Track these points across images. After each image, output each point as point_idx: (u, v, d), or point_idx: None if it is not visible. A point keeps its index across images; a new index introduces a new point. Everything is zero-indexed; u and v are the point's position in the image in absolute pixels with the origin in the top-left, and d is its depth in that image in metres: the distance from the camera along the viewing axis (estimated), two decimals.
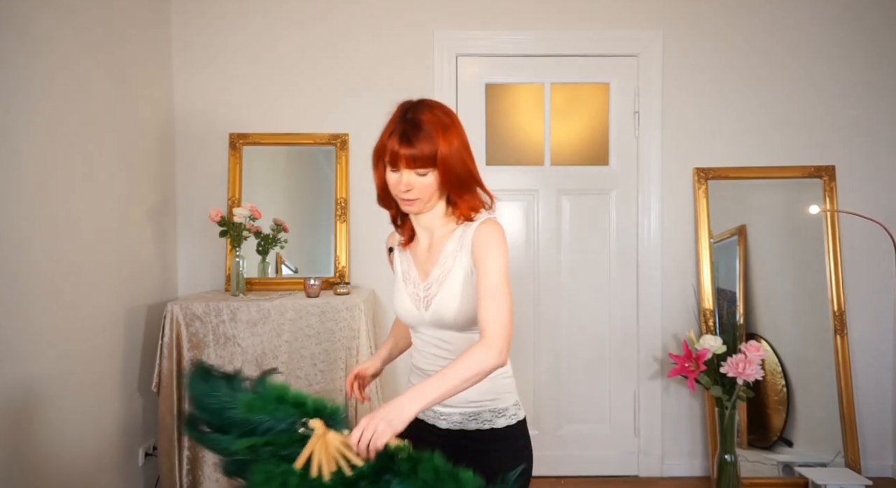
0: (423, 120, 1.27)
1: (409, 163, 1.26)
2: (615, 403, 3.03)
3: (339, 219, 2.93)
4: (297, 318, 2.42)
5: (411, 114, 1.29)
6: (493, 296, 1.23)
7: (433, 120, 1.28)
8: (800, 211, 2.93)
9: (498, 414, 1.35)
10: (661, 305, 2.99)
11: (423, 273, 1.38)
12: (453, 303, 1.31)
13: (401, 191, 1.29)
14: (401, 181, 1.28)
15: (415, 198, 1.29)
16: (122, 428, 2.45)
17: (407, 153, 1.25)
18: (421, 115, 1.28)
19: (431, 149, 1.26)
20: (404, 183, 1.28)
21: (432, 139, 1.26)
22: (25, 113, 1.92)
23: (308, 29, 2.95)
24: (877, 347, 2.96)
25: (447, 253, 1.34)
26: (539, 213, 3.02)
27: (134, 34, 2.58)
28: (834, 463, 2.83)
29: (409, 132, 1.26)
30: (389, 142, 1.28)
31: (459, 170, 1.30)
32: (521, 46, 2.97)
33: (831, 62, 2.97)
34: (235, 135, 2.94)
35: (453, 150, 1.28)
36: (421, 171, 1.27)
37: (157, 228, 2.77)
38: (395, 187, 1.30)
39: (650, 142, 2.97)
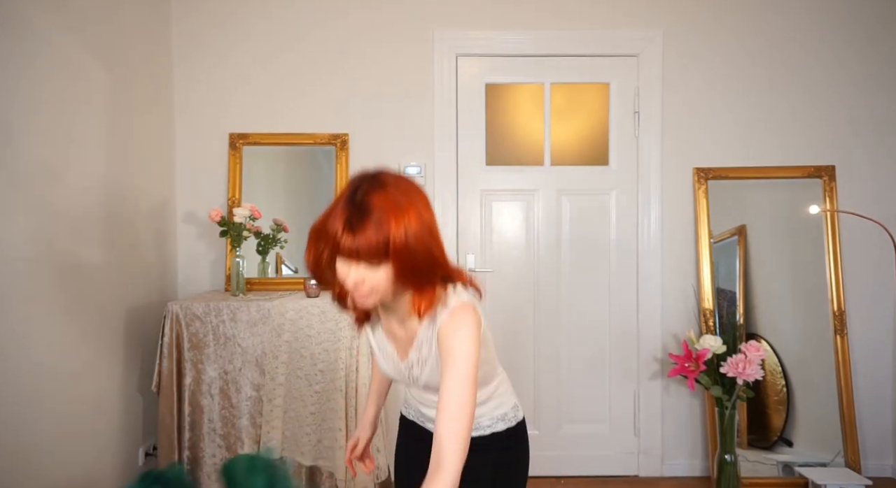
0: (373, 203, 1.07)
1: (352, 254, 1.07)
2: (615, 403, 3.03)
3: None
4: (297, 318, 2.42)
5: (361, 194, 1.08)
6: (456, 406, 1.08)
7: (386, 202, 1.07)
8: (800, 211, 2.93)
9: (498, 419, 1.36)
10: (661, 305, 2.99)
11: (401, 351, 1.29)
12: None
13: (350, 287, 1.12)
14: (348, 275, 1.10)
15: (367, 294, 1.12)
16: (122, 428, 2.45)
17: (350, 245, 1.06)
18: (371, 197, 1.08)
19: (380, 239, 1.06)
20: (352, 277, 1.10)
21: (381, 226, 1.06)
22: (25, 112, 1.92)
23: (308, 29, 2.95)
24: (877, 347, 2.96)
25: (421, 339, 1.23)
26: (539, 213, 3.02)
27: (134, 34, 2.58)
28: (834, 463, 2.83)
29: (353, 218, 1.07)
30: (332, 224, 1.09)
31: (419, 259, 1.09)
32: (521, 46, 2.97)
33: (831, 62, 2.97)
34: (235, 135, 2.94)
35: (410, 237, 1.07)
36: (371, 263, 1.08)
37: (157, 228, 2.77)
38: (342, 279, 1.12)
39: (650, 142, 2.97)
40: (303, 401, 2.40)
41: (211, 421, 2.41)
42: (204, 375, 2.41)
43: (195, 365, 2.41)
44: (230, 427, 2.42)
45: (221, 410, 2.42)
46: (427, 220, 1.12)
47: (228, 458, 1.19)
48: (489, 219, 3.02)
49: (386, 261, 1.08)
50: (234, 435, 2.42)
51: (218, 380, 2.41)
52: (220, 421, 2.42)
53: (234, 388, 2.42)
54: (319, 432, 2.39)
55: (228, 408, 2.42)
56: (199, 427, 2.41)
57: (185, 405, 2.41)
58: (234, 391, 2.42)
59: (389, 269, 1.09)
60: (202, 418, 2.41)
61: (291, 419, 2.41)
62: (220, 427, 2.42)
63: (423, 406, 1.39)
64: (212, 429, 2.42)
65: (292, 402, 2.41)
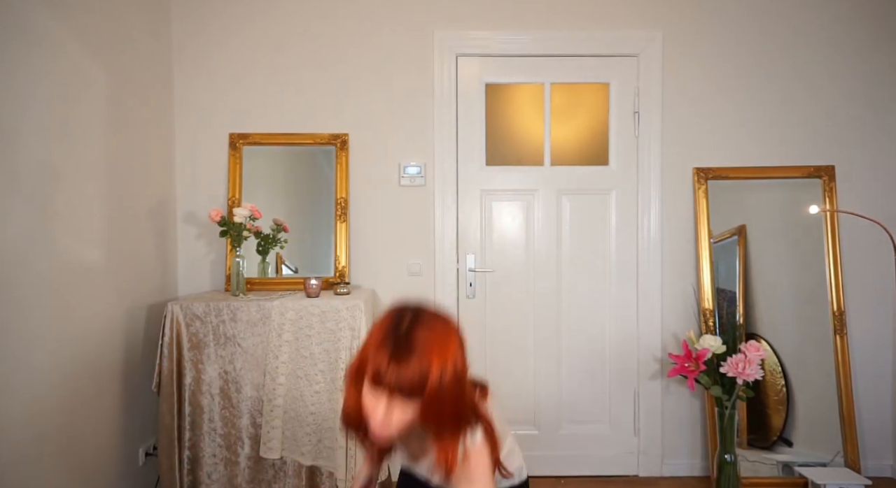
0: (418, 339, 1.10)
1: (391, 388, 1.09)
2: (615, 403, 3.03)
3: (339, 219, 2.93)
4: (298, 318, 2.42)
5: (405, 328, 1.11)
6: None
7: (429, 340, 1.10)
8: (799, 211, 2.94)
9: (505, 479, 1.37)
10: (660, 305, 2.99)
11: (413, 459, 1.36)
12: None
13: (377, 419, 1.12)
14: (377, 406, 1.11)
15: (388, 428, 1.12)
16: (122, 428, 2.45)
17: (394, 377, 1.08)
18: (415, 333, 1.11)
19: (421, 375, 1.08)
20: (381, 410, 1.11)
21: (423, 364, 1.09)
22: (25, 112, 1.92)
23: (308, 29, 2.95)
24: (877, 347, 2.96)
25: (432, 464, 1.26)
26: (539, 213, 3.02)
27: (134, 33, 2.58)
28: (833, 463, 2.83)
29: (399, 351, 1.09)
30: (375, 356, 1.11)
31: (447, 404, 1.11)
32: (521, 46, 2.97)
33: (831, 62, 2.97)
34: (235, 135, 2.94)
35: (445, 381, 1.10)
36: (405, 398, 1.10)
37: (157, 228, 2.77)
38: (369, 409, 1.13)
39: (650, 142, 2.97)
40: (303, 401, 2.40)
41: (211, 421, 2.41)
42: (204, 375, 2.41)
43: (195, 365, 2.41)
44: (230, 427, 2.42)
45: (221, 410, 2.42)
46: (461, 368, 1.14)
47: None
48: (489, 219, 3.02)
49: (418, 399, 1.09)
50: (234, 435, 2.42)
51: (218, 380, 2.41)
52: (220, 421, 2.42)
53: (234, 388, 2.42)
54: (319, 432, 2.39)
55: (228, 408, 2.42)
56: (199, 427, 2.41)
57: (186, 405, 2.41)
58: (234, 391, 2.42)
59: (417, 408, 1.10)
60: (202, 418, 2.41)
61: (291, 419, 2.41)
62: (220, 427, 2.42)
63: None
64: (212, 429, 2.42)
65: (292, 402, 2.41)
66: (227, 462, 2.43)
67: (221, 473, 2.42)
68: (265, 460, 2.42)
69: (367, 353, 1.12)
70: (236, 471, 2.42)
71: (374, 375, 1.09)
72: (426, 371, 1.07)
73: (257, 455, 2.41)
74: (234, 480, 2.42)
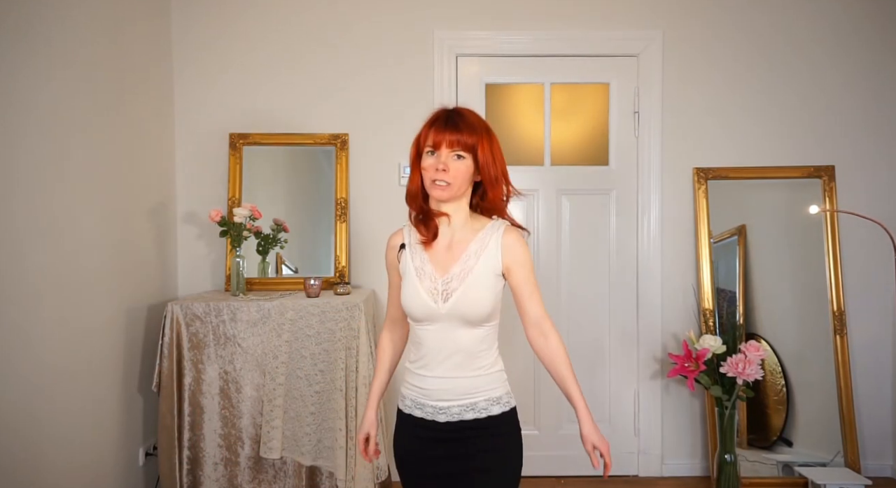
0: (467, 114, 1.43)
1: (450, 144, 1.38)
2: (615, 403, 3.03)
3: (339, 219, 2.93)
4: (298, 318, 2.42)
5: (454, 109, 1.44)
6: (535, 290, 1.47)
7: (475, 117, 1.44)
8: (800, 211, 2.94)
9: (493, 402, 1.45)
10: (660, 305, 2.99)
11: (440, 269, 1.44)
12: (476, 297, 1.40)
13: (435, 172, 1.39)
14: (438, 161, 1.39)
15: (448, 182, 1.39)
16: (122, 428, 2.45)
17: (451, 134, 1.38)
18: (464, 110, 1.44)
19: (472, 138, 1.39)
20: (441, 162, 1.38)
21: (474, 130, 1.40)
22: (24, 112, 1.92)
23: (308, 29, 2.95)
24: (876, 347, 2.96)
25: (470, 252, 1.44)
26: (539, 213, 3.02)
27: (134, 33, 2.58)
28: (833, 463, 2.83)
29: (454, 118, 1.41)
30: (432, 128, 1.41)
31: (492, 162, 1.42)
32: (521, 46, 2.97)
33: (831, 62, 2.97)
34: (235, 135, 2.94)
35: (491, 145, 1.42)
36: (461, 154, 1.39)
37: (157, 228, 2.77)
38: (429, 169, 1.40)
39: (650, 142, 2.97)
40: (303, 401, 2.40)
41: (211, 421, 2.41)
42: (204, 375, 2.41)
43: (195, 365, 2.41)
44: (230, 427, 2.42)
45: (221, 410, 2.42)
46: (497, 142, 1.45)
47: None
48: None
49: (471, 156, 1.40)
50: (234, 435, 2.42)
51: (218, 380, 2.41)
52: (220, 421, 2.42)
53: (234, 388, 2.42)
54: (319, 432, 2.39)
55: (228, 408, 2.42)
56: (199, 427, 2.41)
57: (186, 405, 2.41)
58: (234, 391, 2.42)
59: (470, 165, 1.40)
60: (202, 418, 2.41)
61: (291, 419, 2.41)
62: (220, 427, 2.42)
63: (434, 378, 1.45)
64: (212, 429, 2.42)
65: (292, 402, 2.41)
66: (227, 462, 2.43)
67: (221, 473, 2.42)
68: (265, 460, 2.42)
69: (424, 134, 1.42)
70: (236, 471, 2.42)
71: (434, 142, 1.39)
72: (476, 134, 1.39)
73: (257, 455, 2.42)
74: (234, 480, 2.42)
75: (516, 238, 1.46)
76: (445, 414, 1.44)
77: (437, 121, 1.42)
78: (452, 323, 1.42)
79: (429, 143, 1.41)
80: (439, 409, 1.44)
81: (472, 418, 1.43)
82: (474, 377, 1.44)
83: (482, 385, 1.44)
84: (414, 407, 1.48)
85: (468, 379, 1.43)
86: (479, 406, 1.44)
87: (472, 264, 1.43)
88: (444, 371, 1.43)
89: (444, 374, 1.43)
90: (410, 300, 1.44)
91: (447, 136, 1.38)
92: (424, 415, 1.46)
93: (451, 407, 1.43)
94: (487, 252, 1.43)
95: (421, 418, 1.47)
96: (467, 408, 1.43)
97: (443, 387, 1.43)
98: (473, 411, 1.43)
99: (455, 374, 1.43)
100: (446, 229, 1.48)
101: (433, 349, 1.44)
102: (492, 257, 1.43)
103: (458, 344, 1.42)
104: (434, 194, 1.42)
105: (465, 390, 1.43)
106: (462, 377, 1.43)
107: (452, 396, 1.43)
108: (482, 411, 1.44)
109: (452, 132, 1.39)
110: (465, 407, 1.43)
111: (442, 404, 1.44)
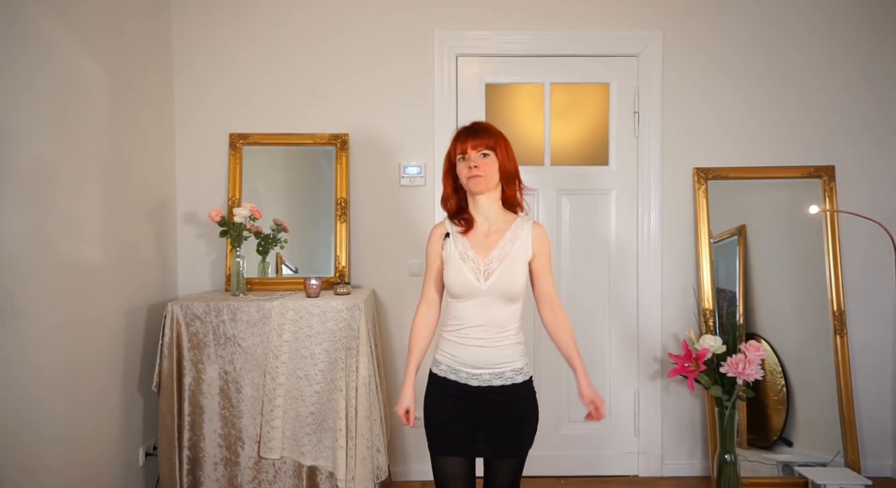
0: (482, 124, 1.78)
1: (475, 146, 1.72)
2: (615, 403, 3.03)
3: (339, 219, 2.93)
4: (298, 318, 2.42)
5: (471, 123, 1.80)
6: (550, 275, 1.81)
7: (491, 126, 1.78)
8: (800, 211, 2.94)
9: (517, 372, 1.76)
10: (660, 305, 2.99)
11: (481, 253, 1.74)
12: (513, 276, 1.71)
13: (469, 170, 1.71)
14: (470, 162, 1.72)
15: (480, 175, 1.71)
16: (122, 428, 2.45)
17: (474, 140, 1.73)
18: (479, 122, 1.80)
19: (491, 140, 1.74)
20: (472, 161, 1.71)
21: (490, 133, 1.75)
22: (25, 112, 1.92)
23: (308, 29, 2.95)
24: (876, 347, 2.96)
25: (506, 240, 1.75)
26: (539, 213, 3.02)
27: (134, 33, 2.58)
28: (834, 463, 2.83)
29: (474, 128, 1.76)
30: (458, 140, 1.76)
31: (509, 162, 1.76)
32: (521, 46, 2.97)
33: (831, 62, 2.97)
34: (235, 135, 2.94)
35: (506, 147, 1.77)
36: (485, 152, 1.72)
37: (157, 228, 2.77)
38: (463, 171, 1.74)
39: (650, 142, 2.97)
40: (303, 401, 2.40)
41: (211, 421, 2.41)
42: (204, 375, 2.41)
43: (195, 365, 2.41)
44: (230, 427, 2.42)
45: (221, 410, 2.42)
46: (511, 146, 1.79)
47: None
48: None
49: (493, 153, 1.73)
50: (234, 435, 2.42)
51: (218, 380, 2.41)
52: (220, 421, 2.42)
53: (234, 388, 2.42)
54: (319, 432, 2.39)
55: (228, 408, 2.42)
56: (199, 427, 2.41)
57: (186, 405, 2.41)
58: (234, 391, 2.42)
59: (494, 160, 1.73)
60: (202, 418, 2.41)
61: (291, 419, 2.41)
62: (220, 427, 2.42)
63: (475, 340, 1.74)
64: (212, 429, 2.42)
65: (292, 402, 2.41)
66: (227, 462, 2.42)
67: (221, 473, 2.42)
68: (265, 460, 2.42)
69: (453, 147, 1.77)
70: (236, 471, 2.42)
71: (462, 148, 1.74)
72: (494, 138, 1.74)
73: (257, 455, 2.42)
74: (234, 480, 2.42)
75: (543, 232, 1.79)
76: (477, 379, 1.73)
77: (461, 133, 1.76)
78: (491, 298, 1.71)
79: (458, 152, 1.74)
80: (472, 375, 1.74)
81: (500, 385, 1.73)
82: (502, 347, 1.73)
83: (508, 355, 1.74)
84: (449, 371, 1.77)
85: (497, 348, 1.72)
86: (506, 375, 1.74)
87: (508, 249, 1.73)
88: (477, 341, 1.72)
89: (477, 344, 1.72)
90: (455, 278, 1.73)
91: (471, 142, 1.72)
92: (458, 379, 1.75)
93: (482, 374, 1.73)
94: (520, 240, 1.74)
95: (454, 381, 1.75)
96: (496, 376, 1.73)
97: (476, 356, 1.72)
98: (501, 379, 1.73)
99: (487, 344, 1.72)
100: (483, 221, 1.78)
101: (470, 321, 1.73)
102: (524, 245, 1.74)
103: (493, 317, 1.72)
104: (471, 187, 1.73)
105: (495, 360, 1.73)
106: (492, 347, 1.72)
107: (483, 365, 1.73)
108: (508, 379, 1.74)
109: (475, 138, 1.72)
110: (495, 375, 1.73)
111: (474, 371, 1.73)
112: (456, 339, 1.76)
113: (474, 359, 1.73)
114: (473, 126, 1.77)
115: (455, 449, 1.74)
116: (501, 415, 1.72)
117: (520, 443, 1.75)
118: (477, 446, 1.73)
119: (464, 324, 1.74)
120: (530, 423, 1.78)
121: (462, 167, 1.74)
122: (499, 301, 1.71)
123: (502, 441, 1.73)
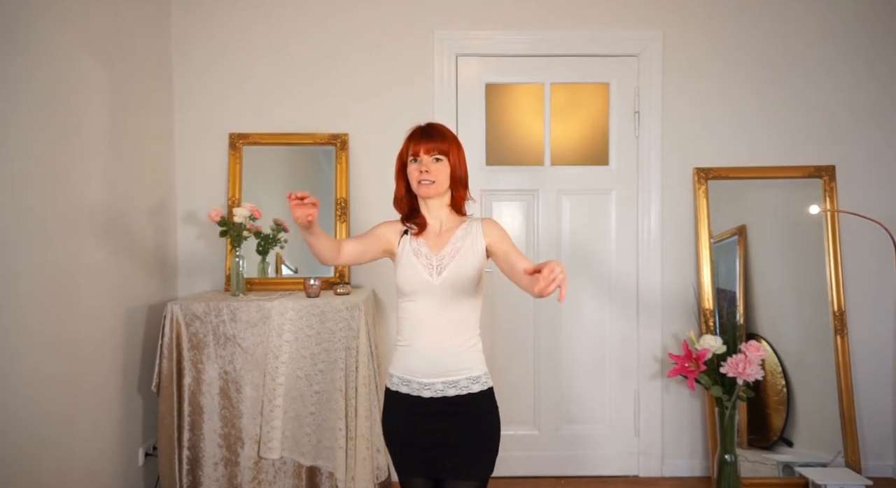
0: (437, 126, 1.69)
1: (428, 150, 1.64)
2: (615, 403, 3.03)
3: (339, 219, 2.92)
4: (298, 318, 2.42)
5: (426, 124, 1.71)
6: (520, 252, 1.66)
7: (446, 129, 1.70)
8: (800, 211, 2.93)
9: (473, 381, 1.63)
10: (661, 305, 2.99)
11: (434, 249, 1.68)
12: (466, 271, 1.63)
13: (420, 174, 1.64)
14: (421, 165, 1.64)
15: (431, 181, 1.64)
16: (122, 428, 2.45)
17: (427, 143, 1.64)
18: (435, 124, 1.70)
19: (444, 143, 1.66)
20: (423, 165, 1.64)
21: (445, 137, 1.67)
22: (25, 112, 1.92)
23: (308, 29, 2.95)
24: (877, 347, 2.96)
25: (456, 237, 1.68)
26: (539, 213, 3.02)
27: (134, 34, 2.58)
28: (834, 463, 2.83)
29: (428, 130, 1.67)
30: (411, 141, 1.67)
31: (460, 166, 1.69)
32: (521, 46, 2.97)
33: (831, 62, 2.97)
34: (235, 135, 2.94)
35: (459, 152, 1.69)
36: (437, 156, 1.64)
37: (157, 228, 2.77)
38: (414, 173, 1.65)
39: (650, 142, 2.97)
40: (303, 401, 2.40)
41: (211, 421, 2.41)
42: (204, 375, 2.41)
43: (195, 365, 2.41)
44: (230, 427, 2.42)
45: (221, 410, 2.42)
46: (463, 151, 1.72)
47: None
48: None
49: (446, 158, 1.65)
50: (234, 435, 2.42)
51: (218, 380, 2.41)
52: (220, 421, 2.42)
53: (234, 388, 2.42)
54: (319, 432, 2.39)
55: (228, 408, 2.42)
56: (199, 427, 2.41)
57: (185, 405, 2.41)
58: (234, 391, 2.42)
59: (446, 165, 1.66)
60: (202, 418, 2.41)
61: (291, 419, 2.41)
62: (220, 427, 2.42)
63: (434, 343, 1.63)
64: (212, 429, 2.42)
65: (292, 402, 2.41)
66: (227, 462, 2.42)
67: (221, 473, 2.42)
68: (265, 460, 2.42)
69: (406, 147, 1.68)
70: (236, 471, 2.42)
71: (414, 149, 1.65)
72: (449, 142, 1.66)
73: (257, 455, 2.41)
74: (234, 480, 2.42)
75: (492, 221, 1.74)
76: (430, 390, 1.61)
77: (415, 134, 1.68)
78: (445, 295, 1.62)
79: (411, 153, 1.66)
80: (424, 385, 1.61)
81: (454, 395, 1.61)
82: (457, 353, 1.62)
83: (463, 362, 1.62)
84: (401, 384, 1.65)
85: (450, 355, 1.61)
86: (461, 384, 1.61)
87: (459, 245, 1.67)
88: (428, 347, 1.62)
89: (428, 351, 1.61)
90: (407, 274, 1.64)
91: (424, 145, 1.64)
92: (410, 392, 1.63)
93: (435, 384, 1.61)
94: (471, 236, 1.68)
95: (407, 394, 1.63)
96: (450, 385, 1.61)
97: (427, 365, 1.61)
98: (455, 388, 1.61)
99: (438, 350, 1.61)
100: (435, 222, 1.73)
101: (420, 323, 1.64)
102: (476, 238, 1.68)
103: (448, 318, 1.62)
104: (421, 192, 1.66)
105: (448, 368, 1.61)
106: (445, 353, 1.61)
107: (436, 374, 1.61)
108: (463, 389, 1.61)
109: (428, 141, 1.64)
110: (448, 385, 1.61)
111: (426, 381, 1.61)
112: (407, 346, 1.65)
113: (427, 366, 1.61)
114: (428, 128, 1.67)
115: (415, 470, 1.64)
116: (456, 431, 1.59)
117: (476, 464, 1.60)
118: (434, 466, 1.60)
119: (415, 327, 1.63)
120: (488, 441, 1.63)
121: (413, 169, 1.65)
122: (453, 298, 1.61)
123: (459, 461, 1.59)
